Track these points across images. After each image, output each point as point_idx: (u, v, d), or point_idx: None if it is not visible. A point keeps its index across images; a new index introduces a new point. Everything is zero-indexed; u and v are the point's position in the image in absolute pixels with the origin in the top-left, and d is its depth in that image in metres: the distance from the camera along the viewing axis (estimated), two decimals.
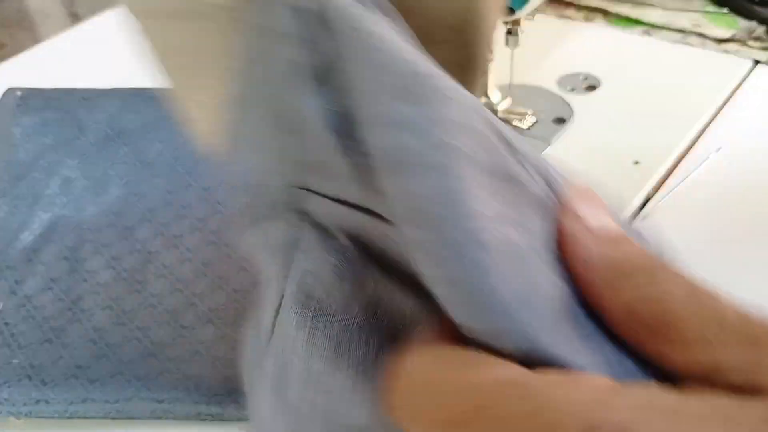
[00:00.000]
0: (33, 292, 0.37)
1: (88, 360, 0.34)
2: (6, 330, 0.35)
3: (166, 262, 0.39)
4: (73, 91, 0.49)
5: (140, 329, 0.35)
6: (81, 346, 0.34)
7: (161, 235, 0.40)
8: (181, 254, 0.39)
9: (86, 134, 0.46)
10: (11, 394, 0.32)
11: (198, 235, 0.40)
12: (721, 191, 0.41)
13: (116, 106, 0.48)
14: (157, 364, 0.33)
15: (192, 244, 0.40)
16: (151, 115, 0.47)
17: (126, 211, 0.42)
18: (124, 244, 0.40)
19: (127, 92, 0.49)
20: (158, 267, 0.39)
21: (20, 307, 0.37)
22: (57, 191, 0.43)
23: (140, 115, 0.47)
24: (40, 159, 0.45)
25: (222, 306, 0.36)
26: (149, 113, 0.47)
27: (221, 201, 0.42)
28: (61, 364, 0.33)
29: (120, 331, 0.35)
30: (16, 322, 0.36)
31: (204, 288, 0.37)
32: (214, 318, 0.36)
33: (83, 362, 0.33)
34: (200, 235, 0.40)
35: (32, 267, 0.39)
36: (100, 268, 0.39)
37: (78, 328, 0.35)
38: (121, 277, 0.38)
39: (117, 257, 0.39)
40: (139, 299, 0.37)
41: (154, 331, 0.35)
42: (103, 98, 0.48)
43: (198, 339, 0.35)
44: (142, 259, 0.39)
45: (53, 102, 0.48)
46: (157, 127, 0.47)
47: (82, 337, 0.35)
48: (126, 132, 0.47)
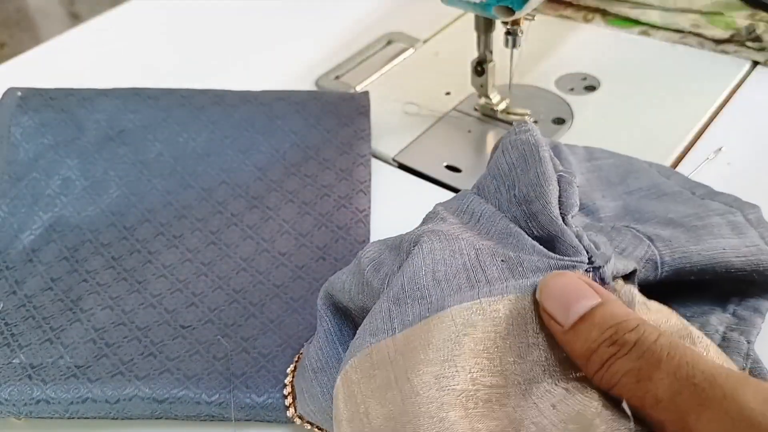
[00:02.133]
0: (33, 292, 0.38)
1: (88, 360, 0.34)
2: (6, 330, 0.35)
3: (166, 262, 0.39)
4: (73, 91, 0.49)
5: (140, 329, 0.35)
6: (81, 346, 0.34)
7: (161, 235, 0.41)
8: (181, 254, 0.39)
9: (86, 134, 0.46)
10: (11, 394, 0.32)
11: (198, 235, 0.40)
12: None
13: (116, 106, 0.48)
14: (157, 364, 0.33)
15: (192, 244, 0.40)
16: (151, 115, 0.47)
17: (126, 211, 0.42)
18: (124, 244, 0.40)
19: (127, 92, 0.49)
20: (158, 267, 0.39)
21: (20, 307, 0.37)
22: (57, 191, 0.43)
23: (140, 115, 0.47)
24: (39, 159, 0.45)
25: (222, 306, 0.36)
26: (149, 113, 0.48)
27: (221, 201, 0.42)
28: (61, 364, 0.34)
29: (120, 331, 0.35)
30: (16, 322, 0.36)
31: (204, 288, 0.37)
32: (214, 318, 0.36)
33: (83, 362, 0.34)
34: (200, 235, 0.40)
35: (32, 267, 0.39)
36: (100, 268, 0.39)
37: (78, 328, 0.35)
38: (121, 277, 0.38)
39: (117, 257, 0.39)
40: (139, 299, 0.37)
41: (154, 331, 0.35)
42: (103, 98, 0.48)
43: (198, 339, 0.35)
44: (142, 259, 0.39)
45: (53, 102, 0.48)
46: (157, 127, 0.47)
47: (82, 337, 0.35)
48: (126, 132, 0.47)
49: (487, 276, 0.26)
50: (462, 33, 0.59)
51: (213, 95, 0.49)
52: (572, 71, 0.53)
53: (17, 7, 1.47)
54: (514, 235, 0.28)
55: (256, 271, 0.38)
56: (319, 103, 0.48)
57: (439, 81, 0.53)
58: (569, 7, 0.60)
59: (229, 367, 0.33)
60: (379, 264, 0.28)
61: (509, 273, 0.26)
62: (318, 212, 0.41)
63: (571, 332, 0.22)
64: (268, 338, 0.34)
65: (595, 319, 0.22)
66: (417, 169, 0.46)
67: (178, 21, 0.65)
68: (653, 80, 0.51)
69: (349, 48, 0.58)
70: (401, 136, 0.49)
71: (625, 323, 0.22)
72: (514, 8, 0.39)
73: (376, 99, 0.49)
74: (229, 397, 0.32)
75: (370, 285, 0.28)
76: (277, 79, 0.55)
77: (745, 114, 0.47)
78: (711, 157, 0.43)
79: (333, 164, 0.44)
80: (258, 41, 0.61)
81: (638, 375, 0.21)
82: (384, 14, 0.63)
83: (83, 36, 0.64)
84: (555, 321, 0.23)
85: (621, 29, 0.57)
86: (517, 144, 0.30)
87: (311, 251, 0.39)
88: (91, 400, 0.32)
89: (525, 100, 0.50)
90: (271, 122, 0.47)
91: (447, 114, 0.50)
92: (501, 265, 0.26)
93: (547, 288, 0.24)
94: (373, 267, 0.28)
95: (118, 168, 0.45)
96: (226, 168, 0.44)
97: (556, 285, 0.24)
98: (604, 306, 0.23)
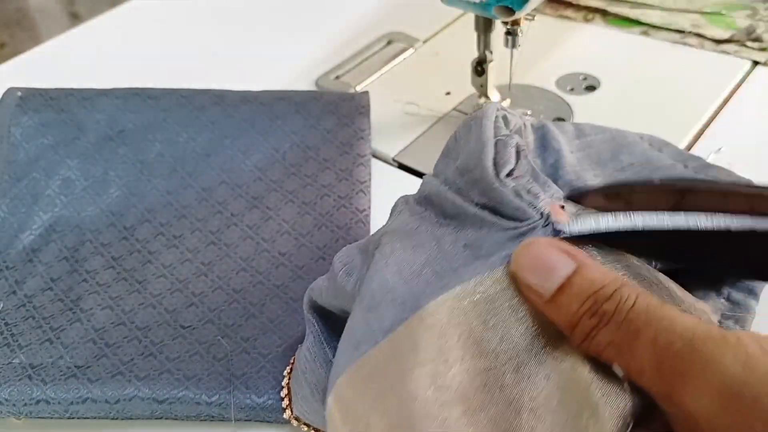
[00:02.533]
0: (33, 292, 0.37)
1: (88, 360, 0.34)
2: (6, 330, 0.35)
3: (166, 262, 0.39)
4: (73, 91, 0.49)
5: (140, 329, 0.35)
6: (81, 346, 0.34)
7: (161, 235, 0.41)
8: (181, 254, 0.39)
9: (86, 134, 0.46)
10: (11, 394, 0.32)
11: (198, 235, 0.40)
12: None
13: (116, 106, 0.48)
14: (157, 364, 0.33)
15: (192, 244, 0.40)
16: (151, 115, 0.47)
17: (126, 211, 0.42)
18: (124, 244, 0.40)
19: (127, 92, 0.49)
20: (158, 267, 0.39)
21: (20, 307, 0.37)
22: (57, 191, 0.43)
23: (140, 115, 0.47)
24: (39, 159, 0.45)
25: (222, 306, 0.36)
26: (149, 113, 0.48)
27: (221, 201, 0.42)
28: (61, 364, 0.34)
29: (120, 331, 0.35)
30: (16, 322, 0.36)
31: (204, 288, 0.37)
32: (214, 318, 0.36)
33: (83, 362, 0.34)
34: (200, 235, 0.40)
35: (32, 267, 0.39)
36: (100, 268, 0.39)
37: (78, 328, 0.35)
38: (121, 277, 0.38)
39: (117, 257, 0.39)
40: (139, 299, 0.37)
41: (154, 331, 0.35)
42: (103, 98, 0.48)
43: (198, 339, 0.35)
44: (142, 259, 0.39)
45: (53, 102, 0.48)
46: (157, 127, 0.47)
47: (82, 337, 0.35)
48: (126, 132, 0.47)
49: (453, 265, 0.25)
50: (462, 33, 0.58)
51: (213, 95, 0.49)
52: (572, 71, 0.53)
53: (17, 7, 1.47)
54: (464, 212, 0.27)
55: (256, 272, 0.38)
56: (319, 103, 0.48)
57: (439, 81, 0.53)
58: (569, 7, 0.60)
59: (229, 368, 0.33)
60: (351, 268, 0.28)
61: (473, 257, 0.25)
62: (318, 212, 0.41)
63: (551, 304, 0.22)
64: (268, 338, 0.34)
65: (573, 290, 0.22)
66: (417, 169, 0.46)
67: (178, 21, 0.65)
68: (653, 80, 0.51)
69: (349, 48, 0.58)
70: (401, 136, 0.49)
71: (603, 291, 0.21)
72: (514, 8, 0.39)
73: (376, 99, 0.49)
74: (229, 397, 0.32)
75: (343, 289, 0.28)
76: (277, 79, 0.55)
77: (745, 114, 0.47)
78: (711, 158, 0.43)
79: (333, 164, 0.44)
80: (258, 41, 0.61)
81: (619, 347, 0.21)
82: (384, 14, 0.63)
83: (83, 36, 0.64)
84: (534, 292, 0.23)
85: (621, 29, 0.57)
86: (468, 120, 0.30)
87: (311, 251, 0.39)
88: (91, 400, 0.32)
89: (525, 100, 0.50)
90: (271, 122, 0.47)
91: (447, 114, 0.50)
92: (463, 251, 0.26)
93: (520, 259, 0.23)
94: (345, 272, 0.28)
95: (118, 168, 0.45)
96: (226, 168, 0.44)
97: (529, 255, 0.23)
98: (581, 272, 0.22)
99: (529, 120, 0.33)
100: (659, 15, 0.57)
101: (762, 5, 0.56)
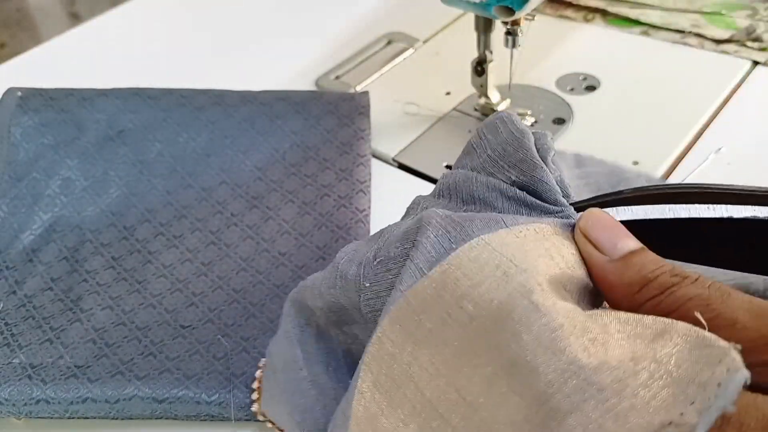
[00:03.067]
0: (33, 292, 0.38)
1: (88, 360, 0.34)
2: (6, 330, 0.35)
3: (166, 262, 0.39)
4: (73, 91, 0.49)
5: (140, 329, 0.35)
6: (81, 345, 0.34)
7: (161, 235, 0.41)
8: (181, 254, 0.39)
9: (86, 134, 0.46)
10: (11, 393, 0.32)
11: (198, 235, 0.40)
12: None
13: (116, 106, 0.48)
14: (157, 363, 0.33)
15: (192, 244, 0.40)
16: (150, 115, 0.47)
17: (126, 211, 0.42)
18: (124, 244, 0.40)
19: (127, 92, 0.49)
20: (158, 267, 0.39)
21: (20, 307, 0.37)
22: (57, 191, 0.43)
23: (140, 115, 0.47)
24: (39, 159, 0.45)
25: (222, 306, 0.36)
26: (149, 113, 0.48)
27: (221, 201, 0.42)
28: (61, 364, 0.34)
29: (120, 331, 0.35)
30: (16, 322, 0.36)
31: (204, 288, 0.37)
32: (214, 318, 0.36)
33: (83, 362, 0.34)
34: (200, 235, 0.40)
35: (32, 267, 0.39)
36: (100, 268, 0.39)
37: (78, 327, 0.35)
38: (121, 277, 0.38)
39: (117, 257, 0.39)
40: (139, 299, 0.37)
41: (154, 330, 0.35)
42: (103, 98, 0.48)
43: (198, 338, 0.35)
44: (142, 259, 0.39)
45: (53, 102, 0.48)
46: (157, 127, 0.47)
47: (82, 337, 0.35)
48: (126, 132, 0.47)
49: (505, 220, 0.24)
50: (462, 33, 0.59)
51: (213, 95, 0.49)
52: (572, 71, 0.53)
53: (17, 7, 1.47)
54: (498, 190, 0.27)
55: (256, 271, 0.38)
56: (319, 103, 0.48)
57: (439, 81, 0.53)
58: (569, 7, 0.60)
59: (229, 367, 0.33)
60: (354, 255, 0.28)
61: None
62: (318, 212, 0.41)
63: (620, 262, 0.22)
64: (268, 338, 0.34)
65: (648, 257, 0.22)
66: (417, 169, 0.46)
67: (178, 21, 0.65)
68: (653, 80, 0.51)
69: (349, 48, 0.58)
70: (401, 136, 0.49)
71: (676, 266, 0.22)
72: (514, 8, 0.39)
73: (376, 99, 0.49)
74: (229, 396, 0.32)
75: (344, 277, 0.27)
76: (277, 79, 0.55)
77: (745, 114, 0.47)
78: (711, 158, 0.43)
79: (333, 164, 0.44)
80: (258, 41, 0.61)
81: (708, 300, 0.21)
82: (384, 14, 0.63)
83: (83, 36, 0.64)
84: (602, 248, 0.23)
85: (621, 29, 0.57)
86: (491, 120, 0.29)
87: (311, 251, 0.39)
88: (91, 400, 0.32)
89: (525, 100, 0.50)
90: (271, 122, 0.47)
91: (447, 114, 0.50)
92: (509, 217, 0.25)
93: (593, 218, 0.24)
94: (347, 258, 0.28)
95: (118, 168, 0.45)
96: (226, 168, 0.44)
97: (601, 217, 0.24)
98: (648, 251, 0.23)
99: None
100: (659, 15, 0.57)
101: (762, 5, 0.56)
